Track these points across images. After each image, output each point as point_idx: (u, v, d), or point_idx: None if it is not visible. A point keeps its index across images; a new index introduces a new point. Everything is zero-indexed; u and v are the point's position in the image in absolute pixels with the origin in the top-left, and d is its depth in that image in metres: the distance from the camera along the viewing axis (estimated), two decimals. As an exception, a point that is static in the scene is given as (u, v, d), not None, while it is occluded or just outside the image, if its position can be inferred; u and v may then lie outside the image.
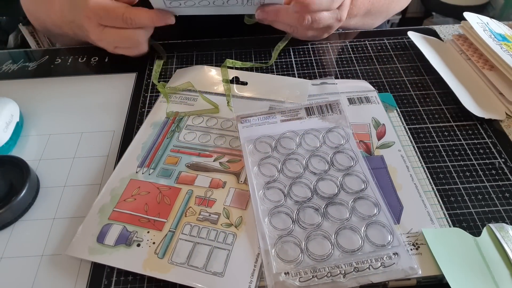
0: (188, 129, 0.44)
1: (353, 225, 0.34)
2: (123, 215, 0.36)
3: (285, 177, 0.38)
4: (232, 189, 0.38)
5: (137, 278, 0.33)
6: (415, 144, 0.42)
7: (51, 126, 0.46)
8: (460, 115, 0.45)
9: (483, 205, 0.37)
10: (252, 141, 0.42)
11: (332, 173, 0.39)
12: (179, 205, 0.37)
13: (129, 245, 0.34)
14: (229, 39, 0.57)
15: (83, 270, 0.34)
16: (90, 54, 0.56)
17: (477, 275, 0.31)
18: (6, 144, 0.42)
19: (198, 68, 0.52)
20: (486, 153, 0.41)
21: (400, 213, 0.36)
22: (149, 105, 0.48)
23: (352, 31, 0.59)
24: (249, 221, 0.35)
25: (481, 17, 0.54)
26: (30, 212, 0.38)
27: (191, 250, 0.34)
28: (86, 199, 0.38)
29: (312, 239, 0.34)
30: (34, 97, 0.50)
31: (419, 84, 0.50)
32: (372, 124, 0.43)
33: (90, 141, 0.44)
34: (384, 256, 0.32)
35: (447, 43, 0.55)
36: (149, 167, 0.40)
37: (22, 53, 0.58)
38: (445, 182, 0.39)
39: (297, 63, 0.53)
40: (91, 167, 0.41)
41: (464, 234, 0.34)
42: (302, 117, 0.44)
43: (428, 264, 0.32)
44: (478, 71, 0.50)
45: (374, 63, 0.53)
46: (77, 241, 0.35)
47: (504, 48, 0.49)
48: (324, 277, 0.31)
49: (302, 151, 0.41)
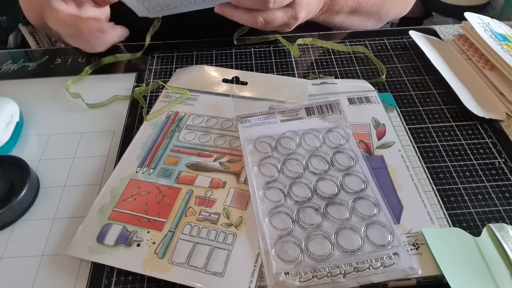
0: (188, 129, 0.44)
1: (353, 225, 0.34)
2: (123, 215, 0.36)
3: (285, 177, 0.38)
4: (232, 189, 0.38)
5: (137, 278, 0.33)
6: (415, 144, 0.42)
7: (51, 126, 0.46)
8: (460, 115, 0.45)
9: (483, 205, 0.37)
10: (252, 141, 0.42)
11: (332, 173, 0.39)
12: (179, 205, 0.37)
13: (129, 245, 0.34)
14: (229, 39, 0.57)
15: (83, 270, 0.34)
16: (90, 54, 0.56)
17: (477, 275, 0.31)
18: (6, 144, 0.42)
19: (198, 68, 0.52)
20: (486, 153, 0.41)
21: (400, 213, 0.36)
22: (149, 105, 0.48)
23: (351, 31, 0.59)
24: (249, 221, 0.35)
25: (482, 17, 0.54)
26: (30, 212, 0.38)
27: (191, 250, 0.34)
28: (86, 199, 0.38)
29: (312, 239, 0.34)
30: (34, 97, 0.50)
31: (419, 84, 0.49)
32: (372, 124, 0.43)
33: (90, 141, 0.44)
34: (384, 256, 0.32)
35: (447, 43, 0.55)
36: (149, 167, 0.40)
37: (22, 53, 0.58)
38: (445, 182, 0.39)
39: (297, 63, 0.53)
40: (91, 167, 0.41)
41: (464, 234, 0.34)
42: (302, 117, 0.44)
43: (428, 264, 0.32)
44: (478, 71, 0.50)
45: (374, 63, 0.53)
46: (77, 241, 0.35)
47: (505, 48, 0.49)
48: (324, 277, 0.31)
49: (302, 151, 0.41)
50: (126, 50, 0.56)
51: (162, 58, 0.55)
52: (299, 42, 0.55)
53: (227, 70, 0.51)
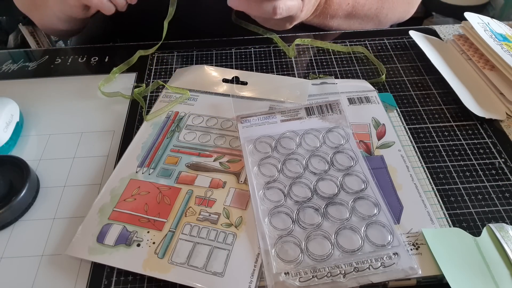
0: (188, 129, 0.44)
1: (353, 225, 0.34)
2: (123, 215, 0.36)
3: (285, 177, 0.38)
4: (232, 189, 0.38)
5: (137, 278, 0.33)
6: (415, 144, 0.42)
7: (51, 126, 0.46)
8: (460, 115, 0.45)
9: (483, 205, 0.37)
10: (252, 141, 0.42)
11: (332, 173, 0.39)
12: (179, 205, 0.37)
13: (129, 245, 0.34)
14: (229, 39, 0.57)
15: (83, 270, 0.34)
16: (90, 54, 0.56)
17: (477, 275, 0.31)
18: (6, 144, 0.42)
19: (198, 68, 0.52)
20: (486, 153, 0.41)
21: (400, 213, 0.36)
22: (149, 105, 0.48)
23: (351, 31, 0.59)
24: (249, 221, 0.35)
25: (482, 17, 0.54)
26: (30, 212, 0.38)
27: (191, 250, 0.34)
28: (86, 199, 0.38)
29: (312, 239, 0.34)
30: (34, 97, 0.50)
31: (419, 84, 0.49)
32: (372, 124, 0.43)
33: (90, 141, 0.44)
34: (384, 256, 0.32)
35: (447, 43, 0.55)
36: (149, 167, 0.40)
37: (22, 53, 0.58)
38: (445, 182, 0.39)
39: (297, 63, 0.53)
40: (91, 167, 0.41)
41: (464, 234, 0.34)
42: (302, 117, 0.44)
43: (428, 264, 0.32)
44: (478, 71, 0.50)
45: (374, 63, 0.53)
46: (77, 241, 0.35)
47: (505, 48, 0.49)
48: (324, 277, 0.31)
49: (302, 151, 0.41)
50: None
51: (162, 58, 0.55)
52: (297, 42, 0.55)
53: (227, 70, 0.51)
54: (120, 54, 0.55)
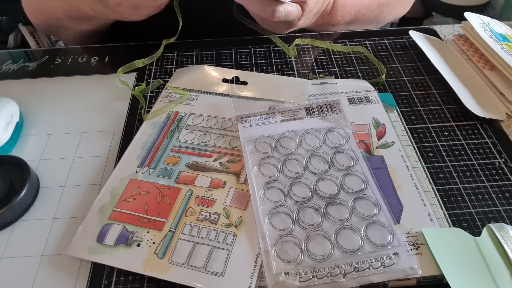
0: (188, 129, 0.44)
1: (353, 225, 0.34)
2: (123, 215, 0.36)
3: (285, 177, 0.38)
4: (232, 189, 0.38)
5: (137, 278, 0.33)
6: (415, 144, 0.42)
7: (51, 126, 0.46)
8: (460, 115, 0.45)
9: (483, 205, 0.37)
10: (252, 141, 0.42)
11: (332, 173, 0.39)
12: (179, 205, 0.37)
13: (129, 245, 0.34)
14: (229, 39, 0.57)
15: (83, 270, 0.34)
16: (90, 54, 0.56)
17: (477, 275, 0.31)
18: (6, 144, 0.42)
19: (198, 68, 0.52)
20: (486, 153, 0.41)
21: (400, 213, 0.36)
22: (149, 104, 0.48)
23: (351, 31, 0.59)
24: (249, 221, 0.35)
25: (482, 17, 0.54)
26: (30, 212, 0.38)
27: (191, 250, 0.34)
28: (86, 199, 0.38)
29: (312, 239, 0.34)
30: (34, 97, 0.50)
31: (419, 84, 0.49)
32: (372, 124, 0.43)
33: (90, 141, 0.44)
34: (384, 256, 0.32)
35: (447, 43, 0.55)
36: (149, 167, 0.40)
37: (22, 53, 0.58)
38: (445, 182, 0.39)
39: (297, 63, 0.53)
40: (91, 167, 0.41)
41: (464, 234, 0.34)
42: (302, 117, 0.44)
43: (428, 264, 0.32)
44: (478, 71, 0.50)
45: (374, 63, 0.53)
46: (77, 241, 0.35)
47: (505, 48, 0.49)
48: (324, 277, 0.31)
49: (302, 151, 0.41)
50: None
51: (162, 58, 0.55)
52: (297, 42, 0.55)
53: (227, 70, 0.51)
54: (120, 54, 0.55)
